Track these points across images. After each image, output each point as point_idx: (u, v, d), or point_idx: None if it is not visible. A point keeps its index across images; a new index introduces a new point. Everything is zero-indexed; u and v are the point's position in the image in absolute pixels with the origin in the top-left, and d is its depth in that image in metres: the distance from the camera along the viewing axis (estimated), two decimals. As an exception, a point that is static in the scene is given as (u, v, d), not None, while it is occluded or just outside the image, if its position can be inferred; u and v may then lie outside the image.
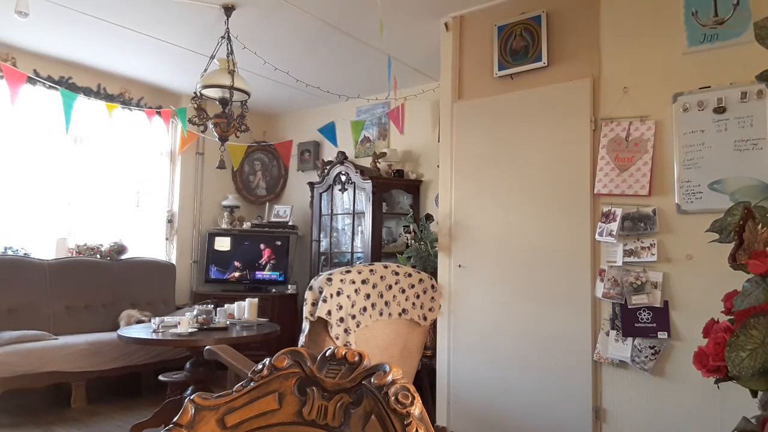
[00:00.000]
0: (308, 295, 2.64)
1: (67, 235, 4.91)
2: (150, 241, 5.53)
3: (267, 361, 0.92)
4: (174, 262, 5.58)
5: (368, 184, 5.00)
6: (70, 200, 4.93)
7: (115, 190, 5.25)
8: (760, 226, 1.35)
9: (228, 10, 3.74)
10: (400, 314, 2.94)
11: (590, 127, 2.99)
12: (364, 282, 2.76)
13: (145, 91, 5.41)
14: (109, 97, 5.08)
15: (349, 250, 5.26)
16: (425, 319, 3.11)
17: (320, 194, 5.56)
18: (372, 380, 0.83)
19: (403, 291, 2.98)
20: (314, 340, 2.61)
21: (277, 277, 5.72)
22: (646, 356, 2.68)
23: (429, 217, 4.83)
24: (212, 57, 3.90)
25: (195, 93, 3.87)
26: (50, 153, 4.78)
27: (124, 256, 5.12)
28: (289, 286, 5.69)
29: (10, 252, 4.46)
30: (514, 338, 3.17)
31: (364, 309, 2.74)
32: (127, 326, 4.30)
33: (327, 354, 0.89)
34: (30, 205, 4.67)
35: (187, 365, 3.69)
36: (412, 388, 0.82)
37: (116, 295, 4.88)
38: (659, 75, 2.79)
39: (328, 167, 5.46)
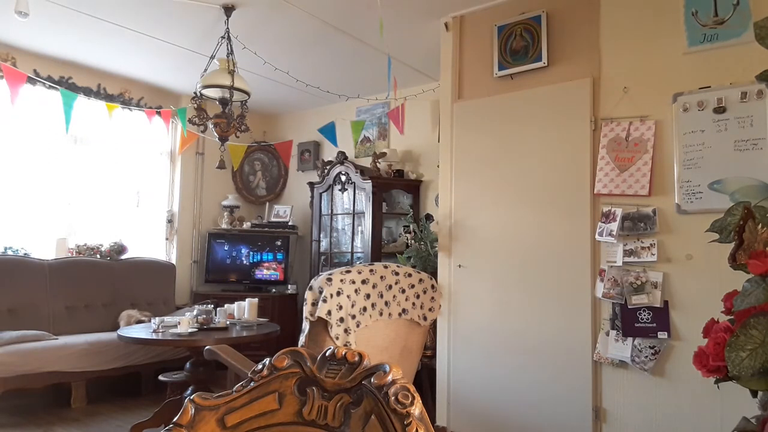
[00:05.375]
0: (308, 295, 2.65)
1: (67, 235, 4.91)
2: (150, 241, 5.53)
3: (267, 361, 0.92)
4: (174, 262, 5.58)
5: (368, 184, 5.00)
6: (70, 200, 4.93)
7: (115, 190, 5.25)
8: (760, 226, 1.34)
9: (228, 10, 3.74)
10: (400, 314, 2.94)
11: (590, 127, 2.99)
12: (364, 282, 2.76)
13: (145, 91, 5.41)
14: (109, 97, 5.08)
15: (349, 250, 5.26)
16: (425, 319, 3.11)
17: (320, 194, 5.56)
18: (372, 380, 0.83)
19: (403, 291, 2.98)
20: (314, 340, 2.62)
21: (277, 277, 5.72)
22: (646, 356, 2.68)
23: (429, 217, 4.83)
24: (212, 57, 3.90)
25: (195, 93, 3.87)
26: (50, 153, 4.77)
27: (124, 256, 5.12)
28: (289, 286, 5.69)
29: (10, 252, 4.46)
30: (514, 338, 3.17)
31: (364, 309, 2.74)
32: (127, 326, 4.30)
33: (327, 354, 0.89)
34: (30, 205, 4.67)
35: (187, 365, 3.69)
36: (412, 388, 0.82)
37: (116, 295, 4.88)
38: (659, 75, 2.79)
39: (328, 167, 5.46)
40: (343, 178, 5.29)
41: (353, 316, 2.68)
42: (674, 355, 2.63)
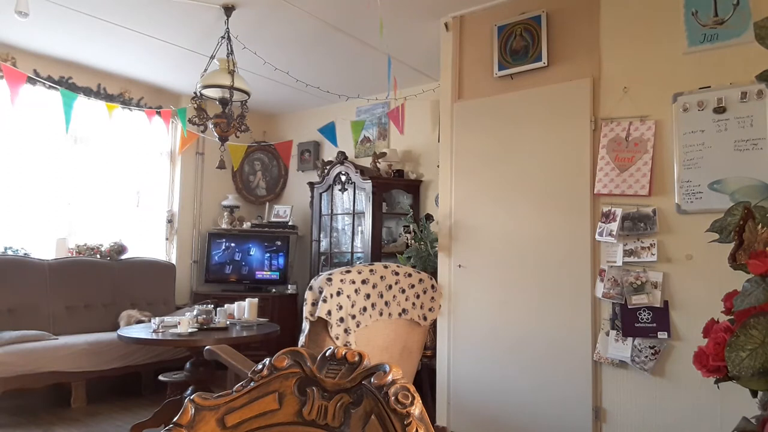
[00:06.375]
0: (308, 295, 2.65)
1: (67, 235, 4.91)
2: (150, 241, 5.53)
3: (267, 361, 0.92)
4: (174, 262, 5.58)
5: (368, 184, 5.00)
6: (70, 200, 4.93)
7: (115, 190, 5.25)
8: (760, 226, 1.34)
9: (228, 10, 3.74)
10: (400, 314, 2.94)
11: (590, 127, 2.99)
12: (364, 282, 2.76)
13: (145, 91, 5.41)
14: (109, 97, 5.08)
15: (349, 250, 5.26)
16: (425, 319, 3.11)
17: (320, 194, 5.56)
18: (372, 380, 0.83)
19: (403, 291, 2.98)
20: (314, 340, 2.62)
21: (277, 277, 5.72)
22: (646, 356, 2.68)
23: (429, 217, 4.83)
24: (212, 57, 3.90)
25: (195, 93, 3.87)
26: (50, 153, 4.77)
27: (124, 256, 5.11)
28: (289, 286, 5.69)
29: (10, 252, 4.46)
30: (514, 338, 3.17)
31: (364, 309, 2.74)
32: (127, 326, 4.30)
33: (327, 354, 0.89)
34: (30, 205, 4.67)
35: (187, 365, 3.69)
36: (412, 388, 0.82)
37: (116, 295, 4.88)
38: (659, 75, 2.79)
39: (328, 167, 5.46)
40: (343, 178, 5.29)
41: (353, 316, 2.68)
42: (674, 355, 2.63)
